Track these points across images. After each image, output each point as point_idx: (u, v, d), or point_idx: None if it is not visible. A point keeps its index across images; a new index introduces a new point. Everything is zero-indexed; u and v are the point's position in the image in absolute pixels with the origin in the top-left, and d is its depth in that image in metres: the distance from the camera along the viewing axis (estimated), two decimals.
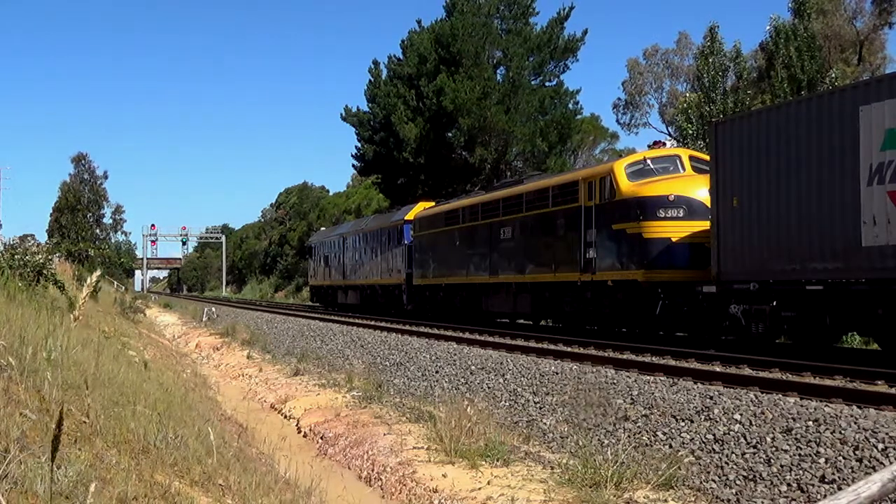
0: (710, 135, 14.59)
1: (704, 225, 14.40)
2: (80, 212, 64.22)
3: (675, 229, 14.88)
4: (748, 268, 13.16)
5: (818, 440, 6.81)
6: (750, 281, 13.04)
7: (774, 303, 12.81)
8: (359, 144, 42.11)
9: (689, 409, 8.32)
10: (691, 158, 16.51)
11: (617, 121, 55.93)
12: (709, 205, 14.25)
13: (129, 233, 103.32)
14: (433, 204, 27.70)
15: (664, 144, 18.34)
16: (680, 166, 16.21)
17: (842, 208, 11.43)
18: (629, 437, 7.94)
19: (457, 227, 23.44)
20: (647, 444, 7.74)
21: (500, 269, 20.66)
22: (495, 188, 23.44)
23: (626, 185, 15.71)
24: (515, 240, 19.96)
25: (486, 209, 21.68)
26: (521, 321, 22.60)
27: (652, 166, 16.17)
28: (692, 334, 15.40)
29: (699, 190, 14.89)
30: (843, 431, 6.85)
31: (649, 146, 18.51)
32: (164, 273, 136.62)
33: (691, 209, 14.91)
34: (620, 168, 16.17)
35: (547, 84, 37.43)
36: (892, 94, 10.80)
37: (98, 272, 4.63)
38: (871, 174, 10.97)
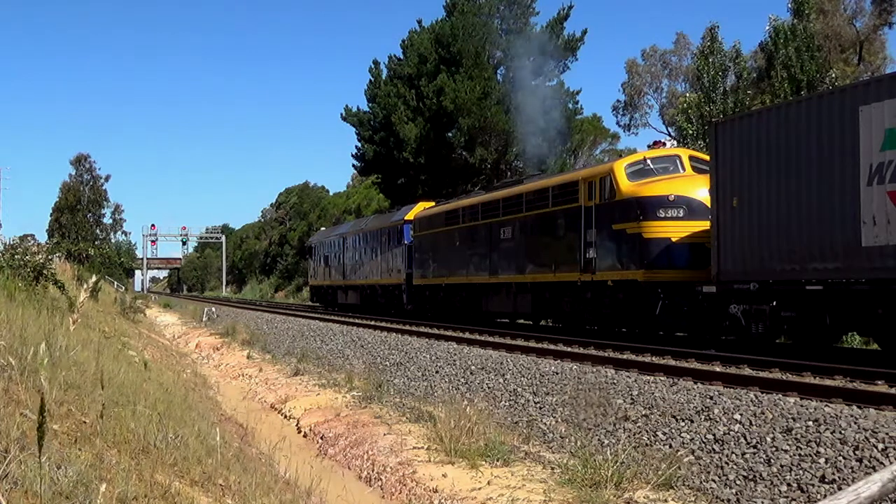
0: (711, 135, 14.58)
1: (704, 225, 14.40)
2: (80, 212, 64.27)
3: (675, 229, 14.87)
4: (748, 268, 13.15)
5: (818, 440, 6.82)
6: (750, 281, 13.03)
7: (774, 303, 12.81)
8: (359, 144, 42.12)
9: (689, 409, 8.32)
10: (691, 158, 16.50)
11: (617, 122, 56.00)
12: (709, 205, 14.24)
13: (129, 233, 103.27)
14: (433, 204, 27.68)
15: (664, 144, 18.31)
16: (680, 166, 16.20)
17: (842, 208, 11.41)
18: (629, 437, 7.95)
19: (457, 227, 23.43)
20: (647, 444, 7.75)
21: (500, 270, 20.66)
22: (495, 188, 23.43)
23: (626, 185, 15.71)
24: (515, 240, 19.96)
25: (486, 209, 21.68)
26: (522, 321, 22.59)
27: (652, 166, 16.16)
28: (692, 334, 15.40)
29: (699, 190, 14.88)
30: (843, 431, 6.85)
31: (649, 146, 18.49)
32: (164, 273, 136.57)
33: (691, 209, 14.90)
34: (620, 168, 16.16)
35: (547, 84, 37.44)
36: (891, 94, 10.79)
37: (94, 278, 4.66)
38: (870, 174, 10.96)
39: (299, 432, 11.03)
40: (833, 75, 28.50)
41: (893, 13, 35.04)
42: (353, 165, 44.74)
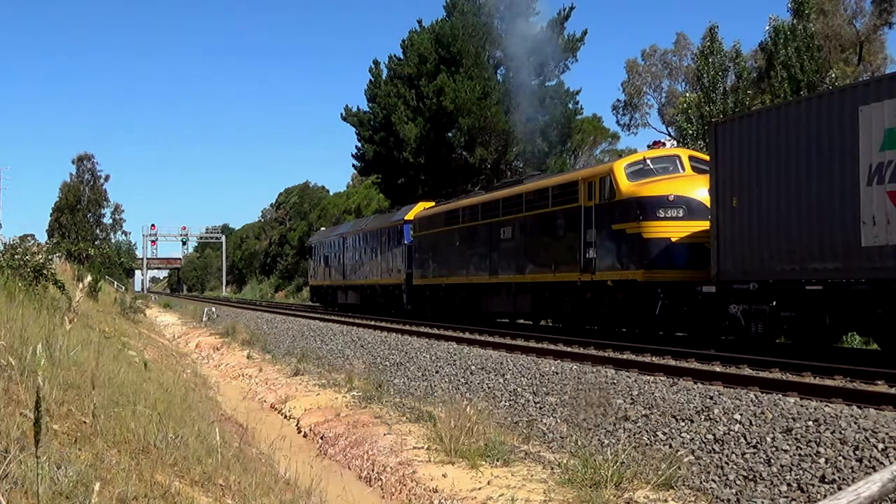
0: (710, 135, 14.58)
1: (704, 225, 14.39)
2: (80, 212, 64.23)
3: (674, 229, 14.87)
4: (748, 268, 13.15)
5: (818, 440, 6.82)
6: (749, 281, 13.03)
7: (774, 303, 12.80)
8: (359, 144, 42.11)
9: (689, 409, 8.32)
10: (691, 158, 16.51)
11: (617, 122, 56.02)
12: (708, 205, 14.24)
13: (129, 233, 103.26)
14: (433, 204, 27.68)
15: (664, 144, 18.31)
16: (679, 166, 16.21)
17: (841, 208, 11.41)
18: (629, 437, 7.95)
19: (457, 227, 23.43)
20: (647, 444, 7.75)
21: (499, 270, 20.65)
22: (495, 188, 23.43)
23: (625, 185, 15.71)
24: (515, 240, 19.95)
25: (486, 209, 21.67)
26: (522, 321, 22.59)
27: (652, 166, 16.17)
28: (692, 334, 15.40)
29: (699, 190, 14.89)
30: (843, 431, 6.85)
31: (649, 146, 18.49)
32: (164, 273, 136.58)
33: (691, 209, 14.90)
34: (620, 168, 16.16)
35: (547, 84, 37.43)
36: (891, 95, 10.78)
37: (88, 279, 4.68)
38: (870, 174, 10.96)
39: (299, 432, 11.02)
40: (833, 75, 28.50)
41: (893, 13, 35.02)
42: (353, 165, 44.77)
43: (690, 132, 28.40)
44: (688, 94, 33.26)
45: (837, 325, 12.22)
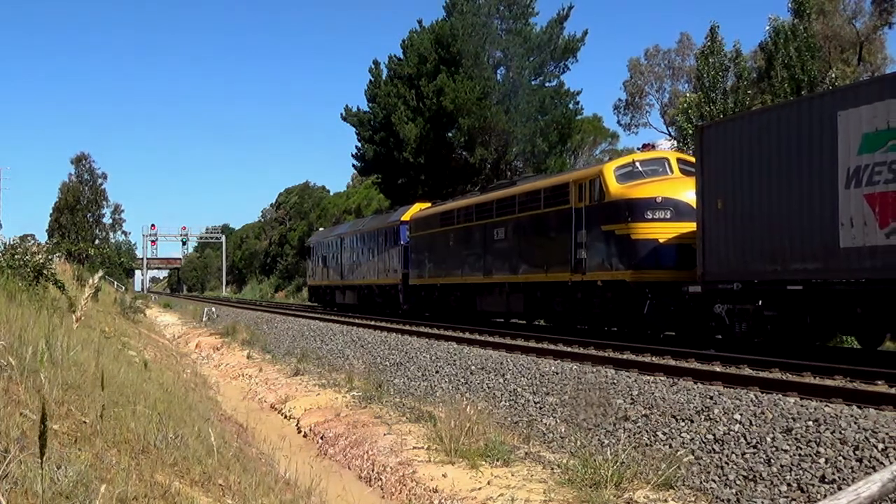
0: (696, 138, 14.73)
1: (691, 226, 14.50)
2: (80, 212, 64.15)
3: (662, 230, 14.98)
4: (732, 268, 13.28)
5: (818, 440, 6.82)
6: (734, 281, 13.16)
7: (758, 302, 12.93)
8: (359, 144, 42.11)
9: (689, 409, 8.33)
10: (679, 161, 16.66)
11: (617, 121, 56.10)
12: (695, 206, 14.33)
13: (129, 233, 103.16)
14: (429, 205, 27.75)
15: (654, 147, 18.44)
16: (668, 169, 16.33)
17: (821, 210, 11.59)
18: (629, 437, 7.95)
19: (452, 227, 23.49)
20: (647, 444, 7.75)
21: (493, 270, 20.73)
22: (489, 189, 23.53)
23: (614, 187, 15.82)
24: (508, 240, 20.03)
25: (480, 210, 21.74)
26: (515, 321, 22.62)
27: (640, 168, 16.27)
28: (679, 333, 15.51)
29: (686, 192, 14.99)
30: (843, 431, 6.85)
31: (639, 149, 18.57)
32: (164, 273, 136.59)
33: (678, 211, 15.00)
34: (609, 170, 16.27)
35: (547, 84, 37.42)
36: (868, 100, 10.95)
37: (99, 274, 4.68)
38: (848, 177, 11.12)
39: (299, 432, 11.03)
40: (833, 75, 28.51)
41: (893, 13, 35.04)
42: (353, 165, 44.78)
43: (690, 132, 28.38)
44: (688, 94, 33.26)
45: (818, 324, 12.36)
